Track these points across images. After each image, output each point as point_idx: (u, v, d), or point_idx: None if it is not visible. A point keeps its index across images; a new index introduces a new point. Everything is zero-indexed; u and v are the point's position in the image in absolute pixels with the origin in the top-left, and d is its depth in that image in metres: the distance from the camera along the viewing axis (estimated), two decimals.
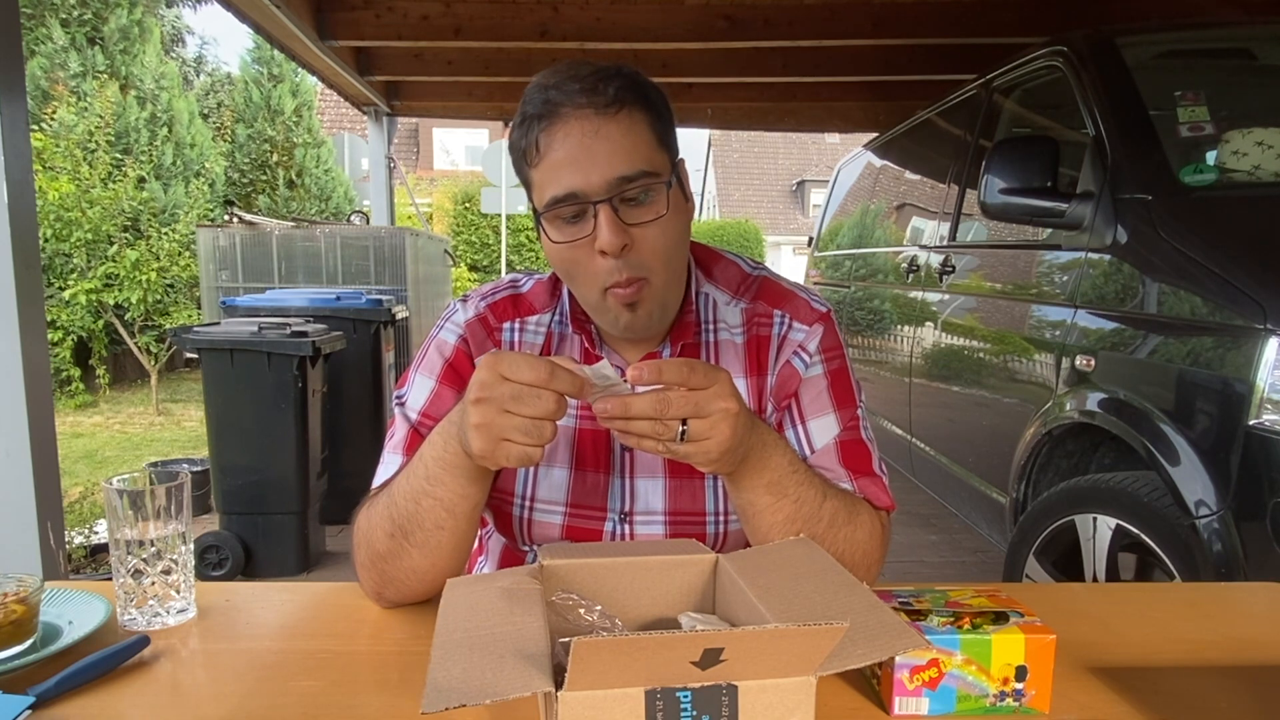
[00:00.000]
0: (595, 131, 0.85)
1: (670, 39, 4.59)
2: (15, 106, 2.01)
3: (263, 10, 3.98)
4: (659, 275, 0.90)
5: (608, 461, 0.99)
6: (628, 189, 0.86)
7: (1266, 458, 1.59)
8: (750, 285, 1.04)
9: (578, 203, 0.86)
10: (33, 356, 2.02)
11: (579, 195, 0.86)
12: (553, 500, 0.99)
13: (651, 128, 0.89)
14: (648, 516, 0.99)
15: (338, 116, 16.27)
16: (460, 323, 1.02)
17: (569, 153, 0.85)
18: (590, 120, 0.85)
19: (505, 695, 0.54)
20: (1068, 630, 0.75)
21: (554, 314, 1.03)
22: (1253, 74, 2.60)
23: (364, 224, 5.96)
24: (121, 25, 8.88)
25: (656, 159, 0.89)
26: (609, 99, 0.86)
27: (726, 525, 0.99)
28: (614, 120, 0.86)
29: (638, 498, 0.99)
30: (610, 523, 0.99)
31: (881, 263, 3.97)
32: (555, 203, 0.87)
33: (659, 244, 0.89)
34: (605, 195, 0.85)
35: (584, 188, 0.85)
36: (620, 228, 0.86)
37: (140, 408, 7.13)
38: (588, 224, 0.87)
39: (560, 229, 0.89)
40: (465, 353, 1.01)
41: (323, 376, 3.31)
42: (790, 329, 1.01)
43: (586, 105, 0.86)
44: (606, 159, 0.85)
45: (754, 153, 25.76)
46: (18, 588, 0.76)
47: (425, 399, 0.99)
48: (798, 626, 0.55)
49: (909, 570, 3.33)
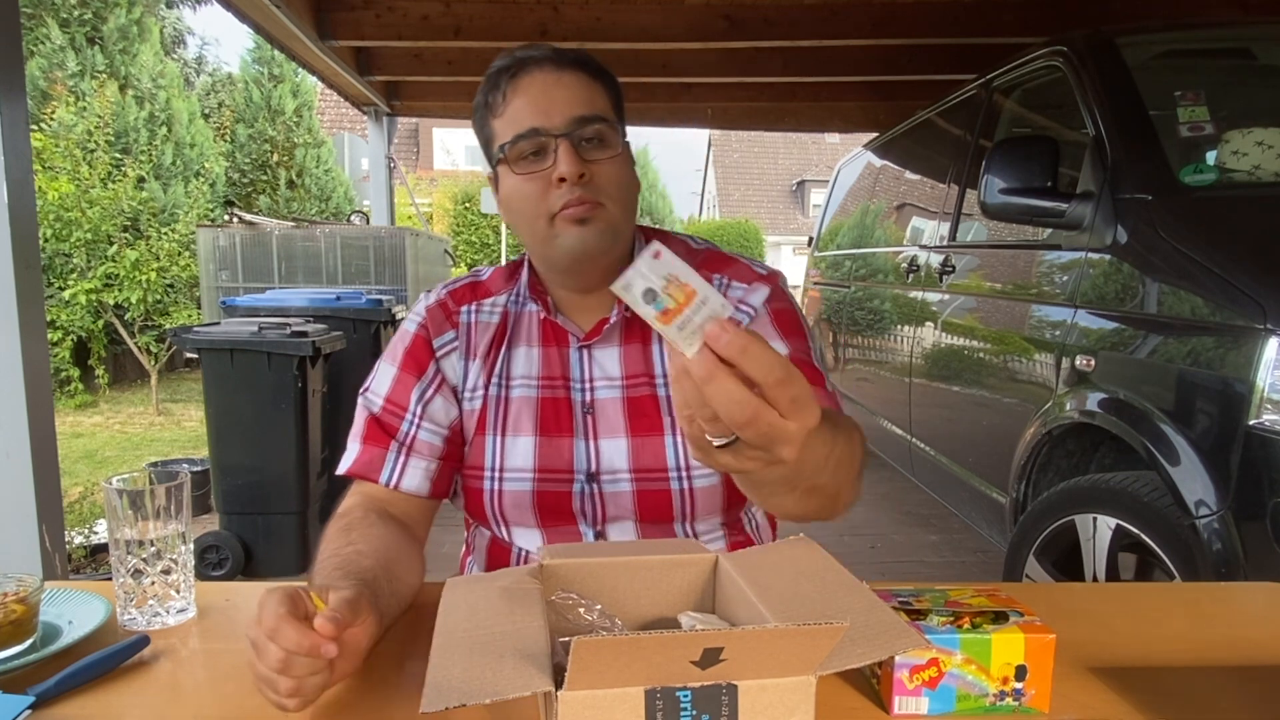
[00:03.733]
0: (556, 80, 0.95)
1: (670, 39, 4.59)
2: (15, 106, 2.01)
3: (263, 10, 3.98)
4: (614, 204, 0.96)
5: (570, 425, 1.02)
6: (585, 129, 0.94)
7: (1266, 458, 1.59)
8: (695, 256, 1.09)
9: (539, 137, 0.93)
10: (33, 356, 2.02)
11: (541, 130, 0.93)
12: (521, 468, 1.02)
13: (606, 94, 0.98)
14: (614, 475, 1.01)
15: (338, 116, 16.27)
16: (421, 310, 1.08)
17: (532, 97, 0.94)
18: (552, 71, 0.95)
19: (505, 695, 0.54)
20: (1068, 630, 0.75)
21: (511, 294, 1.08)
22: (1253, 74, 2.60)
23: (364, 224, 5.96)
24: (120, 25, 8.89)
25: (610, 114, 0.97)
26: (569, 59, 0.97)
27: (690, 481, 1.01)
28: (573, 72, 0.96)
29: (603, 458, 1.01)
30: (578, 484, 1.01)
31: (881, 263, 3.97)
32: (518, 139, 0.94)
33: (614, 178, 0.96)
34: (565, 131, 0.93)
35: (545, 123, 0.93)
36: (579, 158, 0.93)
37: (140, 408, 7.12)
38: (547, 159, 0.93)
39: (521, 165, 0.95)
40: (424, 338, 1.05)
41: (323, 376, 3.31)
42: (729, 288, 1.05)
43: (549, 60, 0.96)
44: (566, 101, 0.94)
45: (754, 153, 25.76)
46: (18, 588, 0.76)
47: (388, 385, 1.04)
48: (798, 626, 0.55)
49: (909, 570, 3.33)
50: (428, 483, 1.02)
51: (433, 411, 1.03)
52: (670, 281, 0.52)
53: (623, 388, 1.02)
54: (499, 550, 1.07)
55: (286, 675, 0.63)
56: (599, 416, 1.02)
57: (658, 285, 0.52)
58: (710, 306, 0.52)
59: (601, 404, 1.02)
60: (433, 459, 1.02)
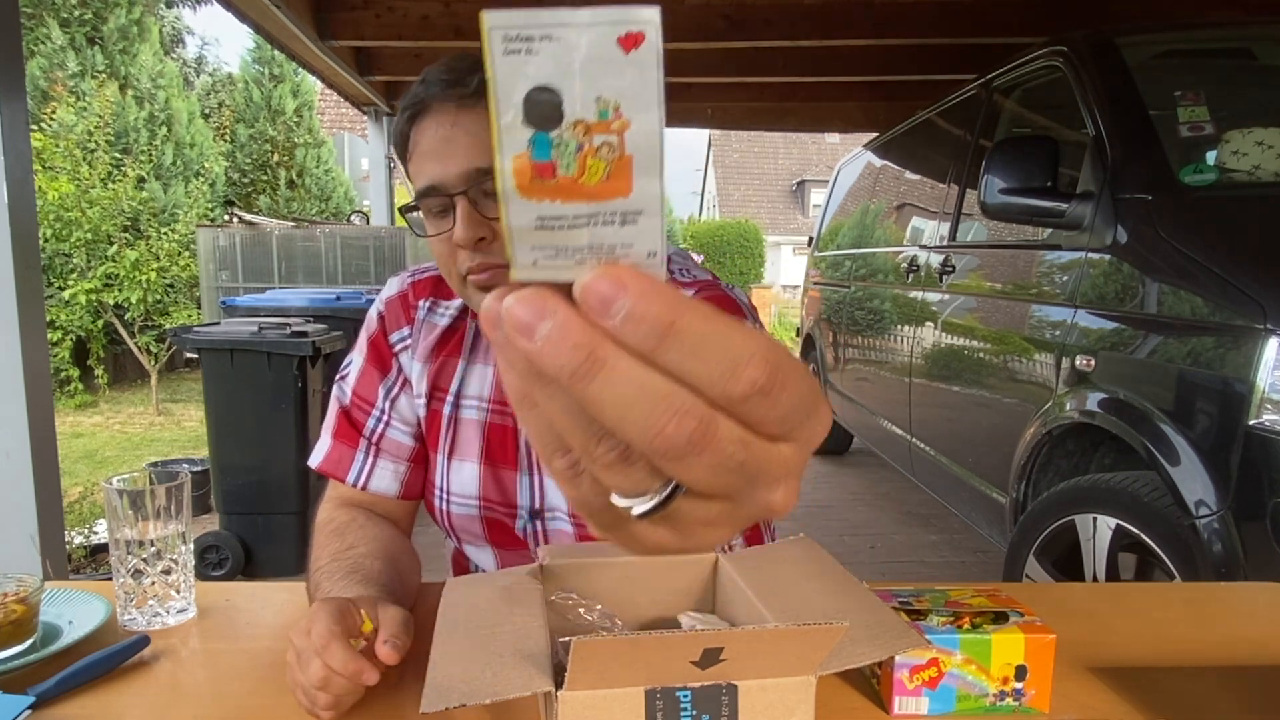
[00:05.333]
0: (452, 123, 0.83)
1: (670, 39, 4.50)
2: (15, 106, 2.01)
3: (263, 10, 3.97)
4: None
5: (515, 457, 0.97)
6: (486, 181, 0.82)
7: (1266, 458, 1.59)
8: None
9: (439, 195, 0.84)
10: (33, 356, 2.02)
11: (439, 188, 0.83)
12: (465, 494, 0.98)
13: None
14: (555, 514, 0.97)
15: (338, 116, 16.25)
16: (385, 299, 1.03)
17: (431, 145, 0.84)
18: (449, 113, 0.83)
19: (505, 695, 0.54)
20: (1068, 630, 0.75)
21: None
22: (1253, 74, 2.60)
23: (364, 224, 5.96)
24: (120, 25, 8.88)
25: None
26: (471, 89, 0.83)
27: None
28: (473, 112, 0.83)
29: (548, 494, 0.97)
30: (521, 520, 0.97)
31: (881, 263, 3.97)
32: (420, 195, 0.85)
33: None
34: (462, 187, 0.82)
35: (442, 179, 0.83)
36: (477, 220, 0.82)
37: (140, 408, 7.12)
38: (449, 218, 0.84)
39: (431, 222, 0.87)
40: (381, 330, 1.01)
41: (323, 376, 3.31)
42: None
43: (450, 97, 0.83)
44: (465, 150, 0.82)
45: (754, 153, 25.77)
46: (18, 588, 0.76)
47: (354, 378, 1.01)
48: (798, 626, 0.55)
49: (909, 570, 3.33)
50: (397, 484, 0.99)
51: (400, 409, 1.00)
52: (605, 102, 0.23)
53: None
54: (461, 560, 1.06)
55: (326, 692, 0.65)
56: None
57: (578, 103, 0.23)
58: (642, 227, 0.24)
59: None
60: (402, 460, 1.00)
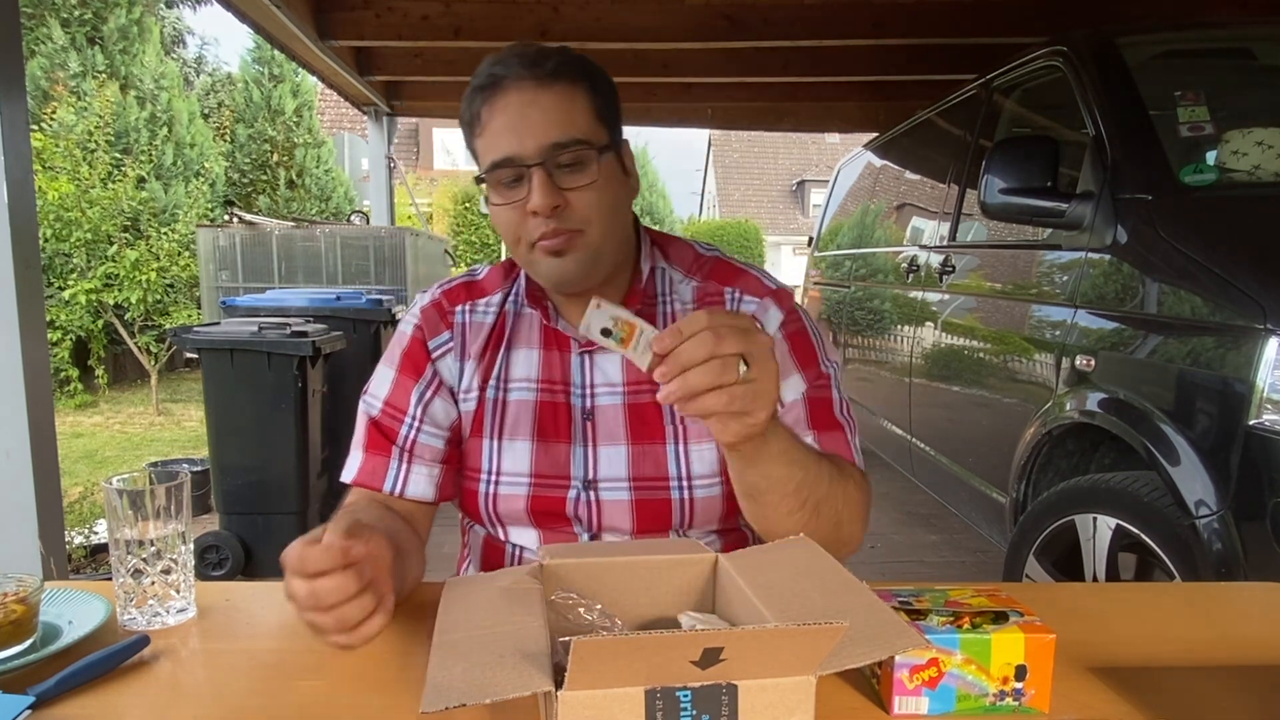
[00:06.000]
0: (532, 101, 0.90)
1: (670, 39, 4.58)
2: (15, 106, 2.01)
3: (263, 10, 3.98)
4: (595, 228, 0.93)
5: (568, 431, 1.01)
6: (561, 155, 0.90)
7: (1266, 458, 1.59)
8: (703, 265, 1.07)
9: (514, 166, 0.90)
10: (33, 356, 2.02)
11: (515, 159, 0.90)
12: (517, 472, 1.01)
13: (590, 101, 0.93)
14: (612, 483, 1.00)
15: (338, 116, 16.26)
16: (417, 311, 1.06)
17: (507, 120, 0.90)
18: (528, 90, 0.90)
19: (505, 695, 0.54)
20: (1068, 630, 0.75)
21: (508, 294, 1.06)
22: (1253, 74, 2.60)
23: (364, 224, 5.96)
24: (121, 25, 8.89)
25: (593, 131, 0.93)
26: (548, 70, 0.90)
27: (691, 490, 1.00)
28: (550, 90, 0.90)
29: (601, 465, 1.00)
30: (574, 490, 1.00)
31: (881, 263, 3.97)
32: (494, 167, 0.91)
33: (594, 204, 0.92)
34: (539, 159, 0.89)
35: (519, 152, 0.89)
36: (552, 189, 0.89)
37: (140, 408, 7.12)
38: (524, 188, 0.90)
39: (500, 192, 0.93)
40: (420, 339, 1.04)
41: (323, 376, 3.31)
42: (741, 303, 1.03)
43: (527, 75, 0.90)
44: (542, 126, 0.89)
45: (754, 153, 25.75)
46: (18, 588, 0.76)
47: (387, 389, 1.03)
48: (798, 626, 0.55)
49: (909, 570, 3.33)
50: (432, 488, 1.02)
51: (433, 413, 1.02)
52: (617, 320, 0.72)
53: (624, 394, 1.01)
54: (493, 548, 1.07)
55: (321, 611, 0.67)
56: (599, 423, 1.01)
57: (610, 324, 0.72)
58: (647, 334, 0.72)
59: (602, 410, 1.01)
60: (435, 464, 1.02)
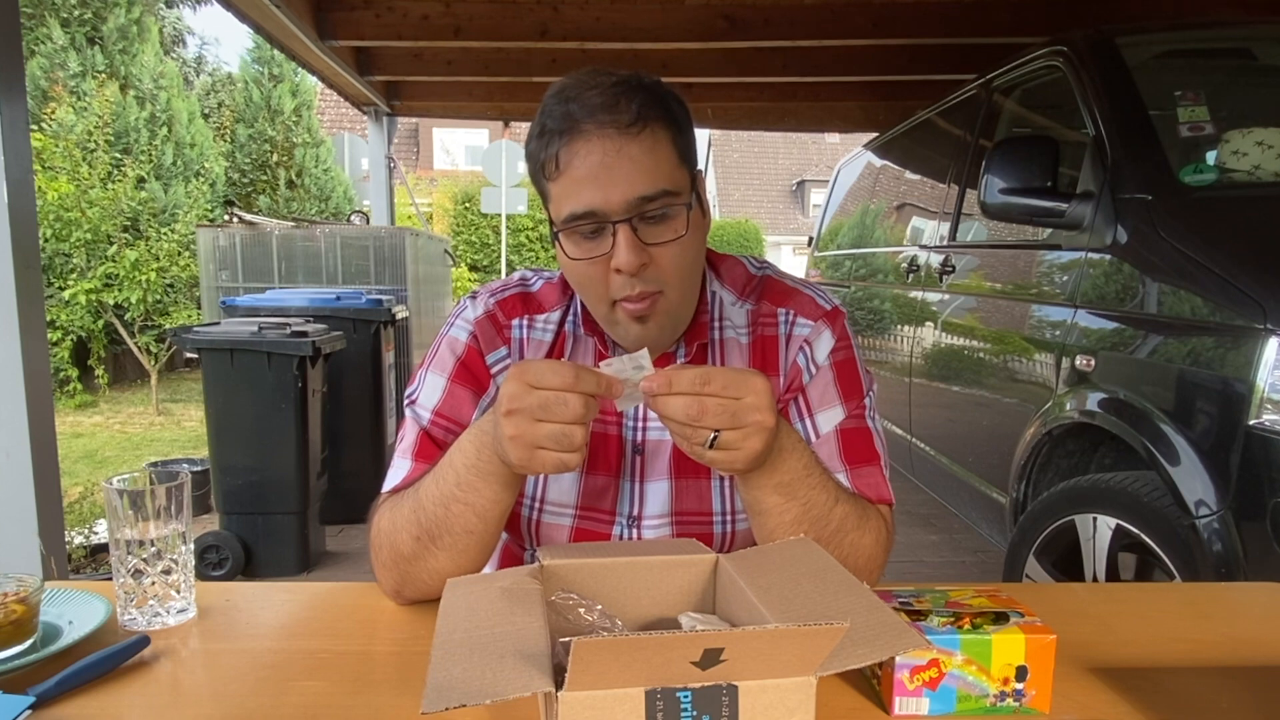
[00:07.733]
0: (617, 151, 0.84)
1: (670, 39, 4.58)
2: (15, 106, 2.01)
3: (263, 10, 3.97)
4: (675, 290, 0.90)
5: (618, 465, 0.99)
6: (648, 209, 0.85)
7: (1266, 458, 1.59)
8: (755, 286, 1.04)
9: (596, 220, 0.86)
10: (33, 356, 2.02)
11: (598, 214, 0.85)
12: (562, 503, 0.99)
13: (673, 144, 0.89)
14: (656, 520, 0.99)
15: (338, 116, 16.26)
16: (470, 320, 1.01)
17: (589, 170, 0.84)
18: (612, 139, 0.84)
19: (505, 695, 0.54)
20: (1068, 630, 0.75)
21: (566, 314, 1.02)
22: (1253, 74, 2.60)
23: (364, 224, 5.95)
24: (121, 25, 8.88)
25: (677, 176, 0.88)
26: (632, 117, 0.84)
27: (734, 525, 0.99)
28: (636, 140, 0.85)
29: (646, 501, 0.99)
30: (619, 526, 0.99)
31: (881, 263, 3.97)
32: (574, 219, 0.86)
33: (677, 262, 0.88)
34: (625, 215, 0.85)
35: (604, 206, 0.85)
36: (639, 247, 0.85)
37: (140, 408, 7.12)
38: (605, 241, 0.86)
39: (578, 244, 0.88)
40: (476, 350, 1.00)
41: (323, 376, 3.31)
42: (795, 325, 1.01)
43: (609, 123, 0.84)
44: (627, 179, 0.84)
45: (754, 153, 25.73)
46: (18, 588, 0.76)
47: (438, 398, 0.98)
48: (798, 626, 0.55)
49: (909, 570, 3.33)
50: None
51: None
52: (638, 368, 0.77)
53: None
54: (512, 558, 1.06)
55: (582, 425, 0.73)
56: (647, 457, 0.99)
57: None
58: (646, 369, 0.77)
59: (652, 444, 0.99)
60: None
